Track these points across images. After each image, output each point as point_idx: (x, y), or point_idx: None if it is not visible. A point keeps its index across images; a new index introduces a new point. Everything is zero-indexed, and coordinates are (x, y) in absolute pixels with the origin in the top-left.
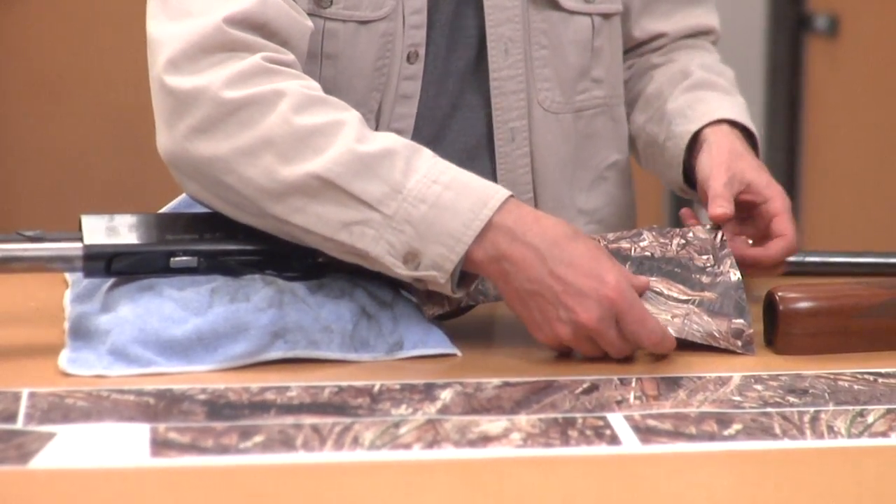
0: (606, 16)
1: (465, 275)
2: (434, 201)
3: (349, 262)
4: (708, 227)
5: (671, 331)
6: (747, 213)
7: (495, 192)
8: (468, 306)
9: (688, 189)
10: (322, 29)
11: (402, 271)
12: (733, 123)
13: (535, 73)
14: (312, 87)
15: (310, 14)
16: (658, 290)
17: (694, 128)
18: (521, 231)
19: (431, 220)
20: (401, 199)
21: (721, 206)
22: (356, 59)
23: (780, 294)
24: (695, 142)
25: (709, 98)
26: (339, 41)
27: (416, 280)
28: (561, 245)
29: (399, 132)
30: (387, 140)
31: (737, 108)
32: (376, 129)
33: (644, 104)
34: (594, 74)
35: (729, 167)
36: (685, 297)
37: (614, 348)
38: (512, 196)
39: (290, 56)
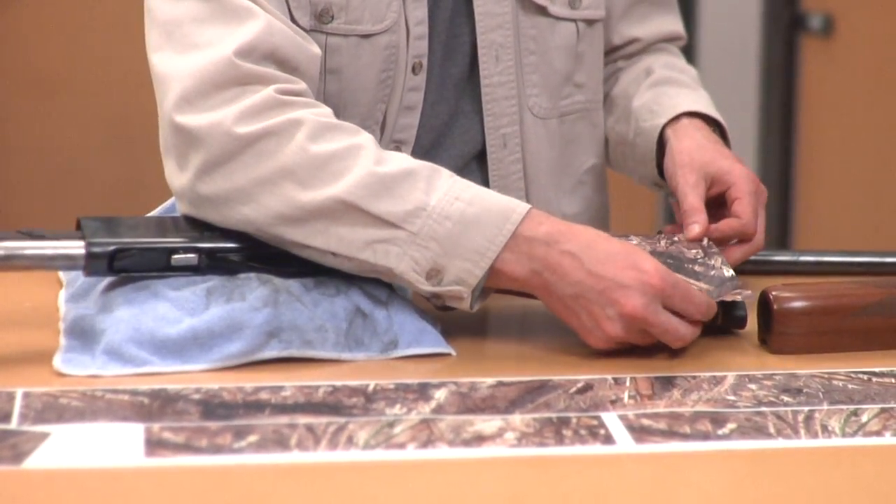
0: (590, 22)
1: (483, 291)
2: (458, 218)
3: (368, 276)
4: None
5: None
6: (718, 206)
7: (517, 206)
8: None
9: (663, 183)
10: (325, 44)
11: (424, 287)
12: (697, 115)
13: (525, 79)
14: (325, 114)
15: (312, 30)
16: None
17: (662, 121)
18: (554, 240)
19: (457, 237)
20: (425, 217)
21: (697, 222)
22: (360, 72)
23: (774, 293)
24: (660, 143)
25: (672, 93)
26: (343, 56)
27: (435, 296)
28: (594, 246)
29: (401, 142)
30: (404, 161)
31: (701, 100)
32: (380, 139)
33: (611, 105)
34: (576, 79)
35: (693, 167)
36: None
37: (669, 334)
38: (533, 209)
39: (301, 85)
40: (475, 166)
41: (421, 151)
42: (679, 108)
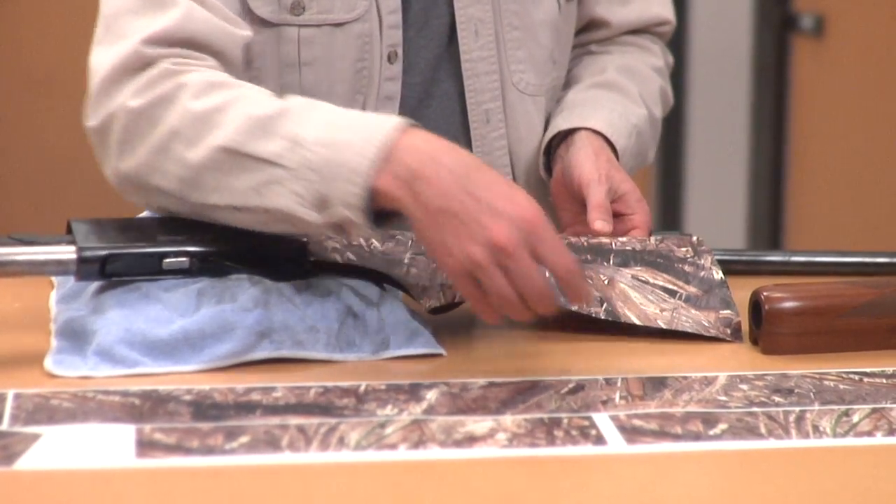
0: None
1: (384, 217)
2: (330, 142)
3: (278, 231)
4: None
5: (660, 323)
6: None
7: (394, 121)
8: (462, 299)
9: (546, 176)
10: (297, 37)
11: (317, 221)
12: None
13: (508, 55)
14: (217, 75)
15: (284, 24)
16: (644, 278)
17: (566, 126)
18: (433, 151)
19: (330, 160)
20: (300, 149)
21: (604, 219)
22: (334, 63)
23: (765, 293)
24: (563, 138)
25: (602, 102)
26: (316, 46)
27: (335, 229)
28: (478, 169)
29: None
30: (284, 101)
31: (619, 120)
32: None
33: (564, 85)
34: (555, 56)
35: (608, 176)
36: (672, 287)
37: (527, 281)
38: (418, 128)
39: (210, 61)
40: (461, 143)
41: None
42: (587, 121)
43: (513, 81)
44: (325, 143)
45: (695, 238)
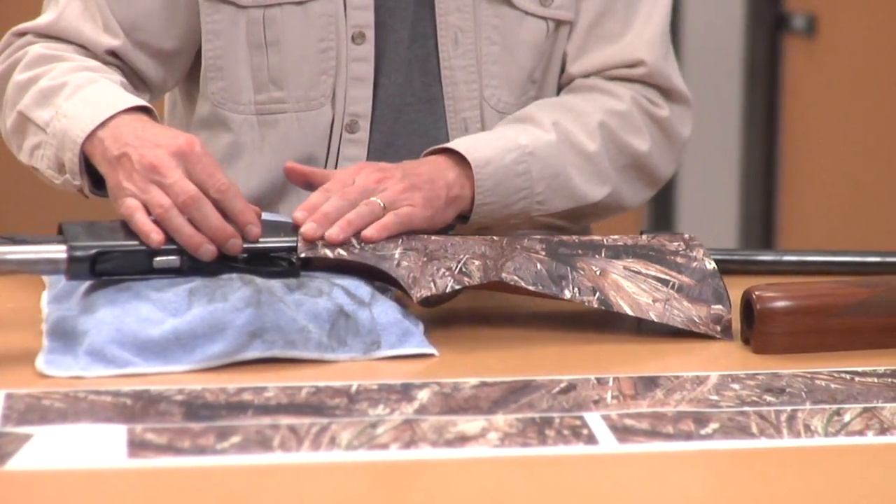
0: (559, 23)
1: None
2: (73, 115)
3: (58, 188)
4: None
5: (652, 315)
6: None
7: (125, 103)
8: (454, 291)
9: None
10: (262, 18)
11: (57, 182)
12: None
13: (484, 69)
14: (53, 48)
15: (249, 6)
16: (636, 269)
17: (427, 150)
18: (137, 124)
19: (64, 129)
20: (56, 117)
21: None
22: (298, 43)
23: (757, 293)
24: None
25: (493, 130)
26: (279, 26)
27: (77, 191)
28: (154, 125)
29: (357, 116)
30: (76, 76)
31: (493, 139)
32: (333, 115)
33: None
34: (535, 76)
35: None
36: (664, 277)
37: (175, 189)
38: (149, 111)
39: (63, 44)
40: None
41: (382, 131)
42: (449, 144)
43: (485, 96)
44: (68, 114)
45: (686, 235)
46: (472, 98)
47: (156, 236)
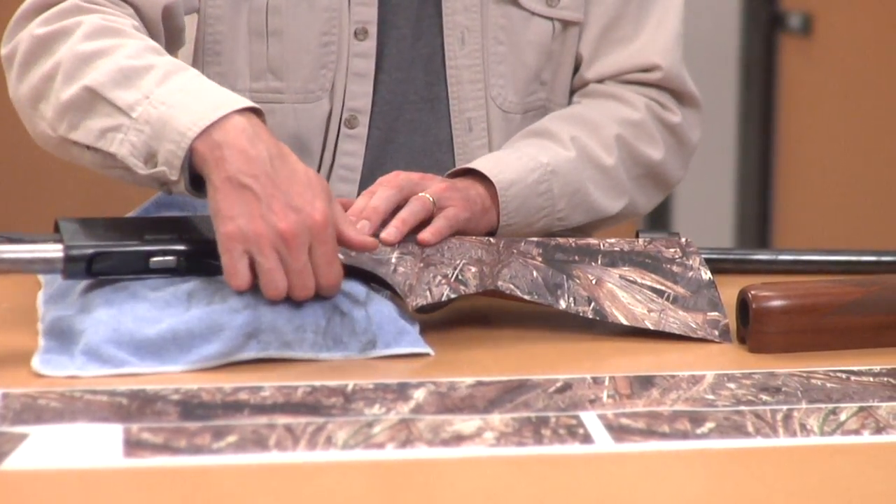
0: (567, 23)
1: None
2: (173, 102)
3: (116, 177)
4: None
5: (648, 324)
6: None
7: (236, 102)
8: (449, 299)
9: None
10: (266, 6)
11: (142, 171)
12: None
13: (491, 69)
14: (116, 21)
15: None
16: (632, 278)
17: (453, 169)
18: (254, 131)
19: (164, 117)
20: (146, 103)
21: (366, 219)
22: (300, 34)
23: (752, 292)
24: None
25: (513, 146)
26: (283, 16)
27: (159, 184)
28: (289, 159)
29: (356, 111)
30: (158, 59)
31: (514, 159)
32: (331, 108)
33: None
34: (543, 76)
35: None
36: (660, 287)
37: (294, 273)
38: (259, 113)
39: (128, 9)
40: (443, 151)
41: (381, 128)
42: (476, 163)
43: (491, 96)
44: (167, 102)
45: (683, 240)
46: (477, 98)
47: (241, 284)
